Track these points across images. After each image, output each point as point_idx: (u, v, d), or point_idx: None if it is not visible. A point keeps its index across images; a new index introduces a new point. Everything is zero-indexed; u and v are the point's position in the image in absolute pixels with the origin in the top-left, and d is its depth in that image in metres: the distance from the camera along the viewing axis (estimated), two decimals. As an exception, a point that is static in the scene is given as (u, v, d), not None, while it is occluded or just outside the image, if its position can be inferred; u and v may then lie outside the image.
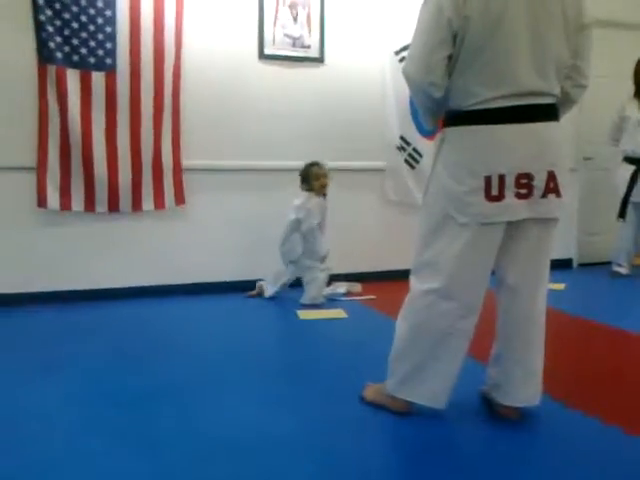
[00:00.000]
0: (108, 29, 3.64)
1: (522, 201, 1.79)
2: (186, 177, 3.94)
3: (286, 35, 4.11)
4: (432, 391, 1.94)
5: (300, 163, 3.82)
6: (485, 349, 2.08)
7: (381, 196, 4.50)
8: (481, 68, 1.77)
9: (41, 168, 3.59)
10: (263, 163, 4.12)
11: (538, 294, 1.93)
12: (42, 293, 3.69)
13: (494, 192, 1.77)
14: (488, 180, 1.77)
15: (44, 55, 3.53)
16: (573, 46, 1.83)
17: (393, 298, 2.31)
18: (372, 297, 3.92)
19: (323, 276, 3.75)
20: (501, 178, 1.76)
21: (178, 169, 3.91)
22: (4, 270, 3.63)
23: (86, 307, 3.62)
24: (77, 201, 3.69)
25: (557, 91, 1.84)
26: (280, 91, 4.13)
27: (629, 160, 4.59)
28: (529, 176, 1.77)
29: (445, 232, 1.86)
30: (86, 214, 3.75)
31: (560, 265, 4.77)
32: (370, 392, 2.13)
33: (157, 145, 3.82)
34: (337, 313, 3.50)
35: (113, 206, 3.77)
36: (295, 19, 4.12)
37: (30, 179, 3.60)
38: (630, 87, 4.59)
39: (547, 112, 1.82)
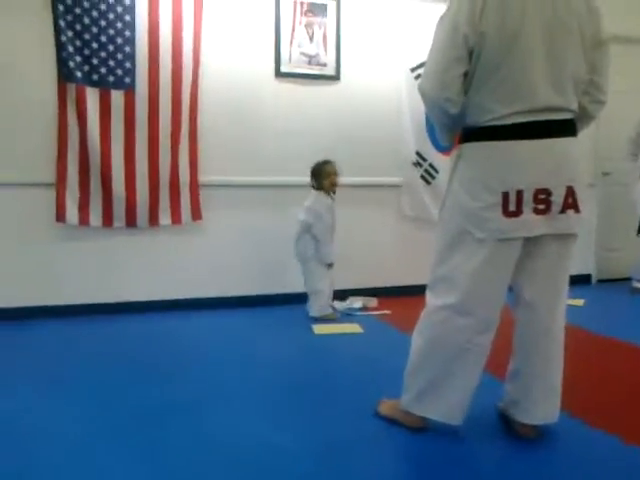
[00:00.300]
0: (127, 49, 3.71)
1: (540, 217, 1.77)
2: (203, 193, 3.98)
3: (302, 53, 4.16)
4: (448, 407, 1.91)
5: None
6: (501, 365, 2.05)
7: (397, 212, 4.49)
8: (497, 84, 1.76)
9: (60, 184, 3.65)
10: (279, 179, 4.15)
11: (557, 310, 1.91)
12: (59, 307, 3.72)
13: (512, 208, 1.76)
14: (505, 196, 1.75)
15: (64, 73, 3.59)
16: (590, 62, 1.82)
17: (409, 314, 2.29)
18: (388, 312, 3.90)
19: (327, 288, 3.74)
20: (519, 194, 1.75)
21: (195, 185, 3.95)
22: (23, 284, 3.67)
23: (103, 321, 3.64)
24: (95, 216, 3.74)
25: (575, 106, 1.83)
26: (296, 108, 4.17)
27: (647, 176, 4.55)
28: (547, 191, 1.75)
29: (461, 248, 1.85)
30: (104, 229, 3.79)
31: (579, 281, 4.72)
32: (385, 408, 2.11)
33: (174, 162, 3.87)
34: (353, 328, 3.49)
35: (130, 221, 3.82)
36: (311, 38, 4.17)
37: (49, 195, 3.66)
38: (648, 102, 4.58)
39: (564, 128, 1.80)
